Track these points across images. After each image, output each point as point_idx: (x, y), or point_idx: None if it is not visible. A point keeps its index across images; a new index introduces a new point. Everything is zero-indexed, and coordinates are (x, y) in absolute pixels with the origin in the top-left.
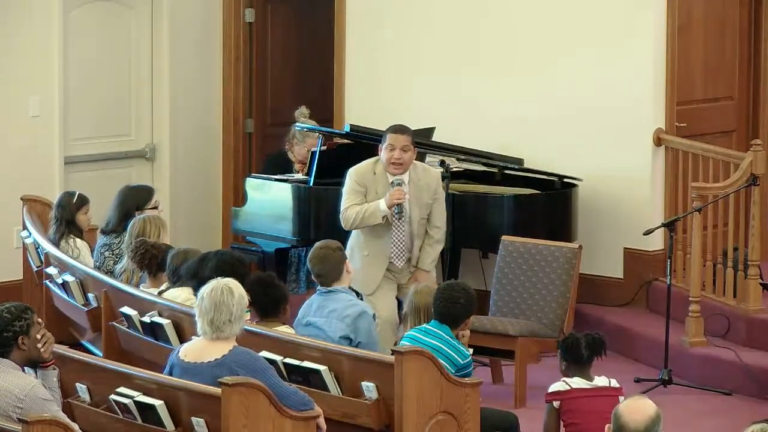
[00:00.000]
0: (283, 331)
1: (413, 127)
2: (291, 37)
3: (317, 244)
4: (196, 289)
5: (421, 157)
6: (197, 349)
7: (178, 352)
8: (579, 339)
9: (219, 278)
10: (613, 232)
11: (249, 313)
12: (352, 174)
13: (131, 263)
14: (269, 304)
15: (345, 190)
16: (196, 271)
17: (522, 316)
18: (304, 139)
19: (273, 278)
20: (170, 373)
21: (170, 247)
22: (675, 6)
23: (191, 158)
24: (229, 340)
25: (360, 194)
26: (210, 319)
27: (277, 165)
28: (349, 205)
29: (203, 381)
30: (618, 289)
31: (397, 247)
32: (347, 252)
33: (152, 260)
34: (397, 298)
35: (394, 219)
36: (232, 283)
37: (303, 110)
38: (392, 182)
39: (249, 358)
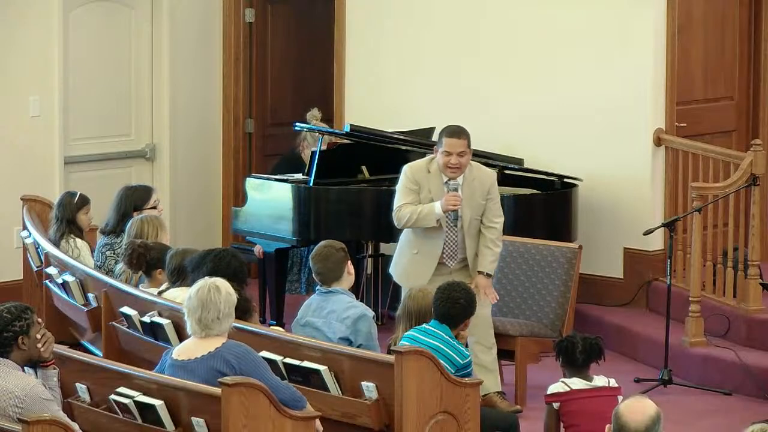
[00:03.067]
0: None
1: (413, 127)
2: (291, 37)
3: (322, 242)
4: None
5: (421, 158)
6: (189, 348)
7: (171, 353)
8: (575, 343)
9: (207, 277)
10: (613, 232)
11: None
12: (407, 171)
13: (124, 265)
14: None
15: (398, 187)
16: (194, 268)
17: (522, 316)
18: (316, 141)
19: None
20: (161, 372)
21: (166, 246)
22: (675, 6)
23: (191, 158)
24: (222, 337)
25: (413, 193)
26: (198, 318)
27: (290, 165)
28: (403, 204)
29: (198, 376)
30: (618, 289)
31: (449, 248)
32: (396, 248)
33: (140, 259)
34: None
35: (449, 223)
36: (219, 281)
37: (315, 112)
38: (447, 182)
39: (241, 349)
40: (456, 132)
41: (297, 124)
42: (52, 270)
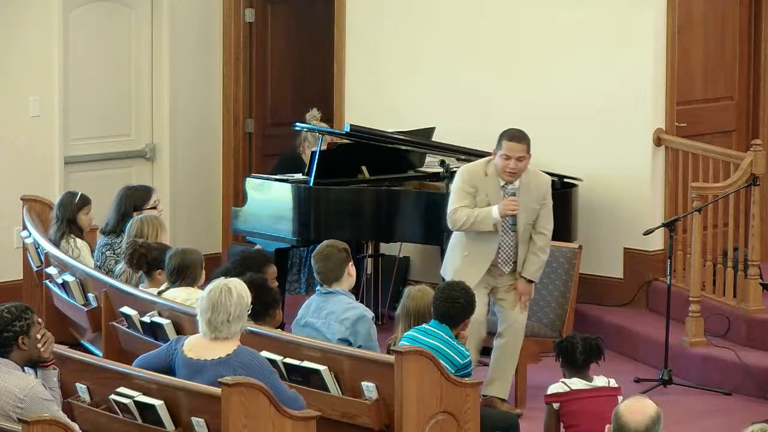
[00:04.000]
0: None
1: (413, 127)
2: (291, 37)
3: (324, 242)
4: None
5: (421, 157)
6: (200, 347)
7: (183, 345)
8: (575, 343)
9: (223, 278)
10: (613, 232)
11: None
12: (463, 173)
13: (124, 264)
14: (258, 307)
15: (453, 189)
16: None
17: None
18: (316, 142)
19: (264, 281)
20: (170, 363)
21: (167, 246)
22: (675, 6)
23: (191, 158)
24: (233, 339)
25: (470, 196)
26: (207, 319)
27: (290, 165)
28: (459, 207)
29: (206, 378)
30: (618, 289)
31: (504, 253)
32: (447, 250)
33: (141, 259)
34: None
35: (505, 227)
36: (233, 282)
37: (314, 113)
38: (504, 186)
39: (252, 358)
40: (516, 136)
41: (297, 124)
42: (52, 270)
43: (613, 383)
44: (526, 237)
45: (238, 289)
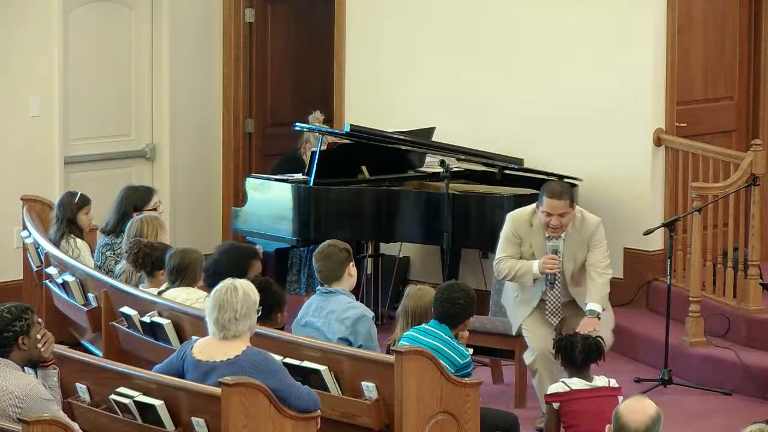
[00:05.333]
0: None
1: (413, 127)
2: (291, 37)
3: (326, 241)
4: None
5: (421, 157)
6: (210, 348)
7: (191, 348)
8: (574, 342)
9: (229, 278)
10: (613, 232)
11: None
12: (510, 222)
13: (127, 264)
14: (262, 309)
15: (502, 235)
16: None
17: None
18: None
19: (269, 283)
20: (180, 367)
21: (167, 246)
22: (675, 6)
23: (191, 158)
24: (242, 339)
25: (515, 245)
26: (215, 318)
27: (290, 165)
28: (503, 257)
29: (216, 380)
30: (618, 289)
31: (551, 305)
32: (504, 289)
33: (146, 258)
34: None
35: (547, 283)
36: (238, 281)
37: (317, 115)
38: (548, 238)
39: (262, 358)
40: (557, 193)
41: (297, 124)
42: (52, 270)
43: (613, 383)
44: (579, 279)
45: (244, 287)
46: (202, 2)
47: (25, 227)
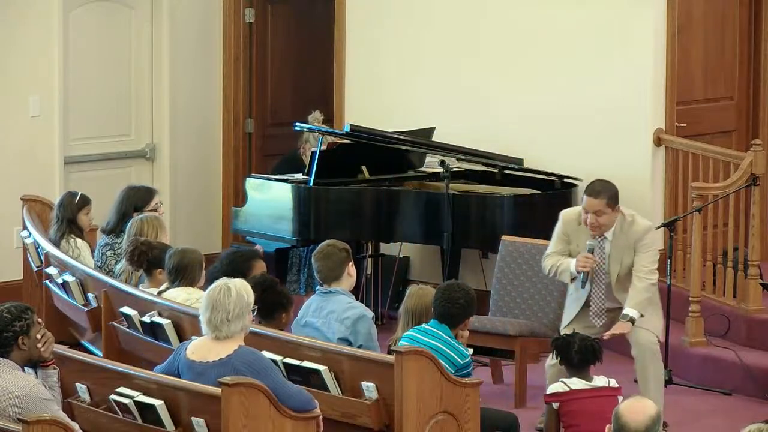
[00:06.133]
0: None
1: (413, 127)
2: (291, 37)
3: (326, 241)
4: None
5: (421, 157)
6: (203, 348)
7: (185, 348)
8: (571, 342)
9: (224, 278)
10: None
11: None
12: (560, 219)
13: (126, 263)
14: (262, 307)
15: (554, 232)
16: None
17: (522, 316)
18: (317, 144)
19: (274, 282)
20: (176, 369)
21: (167, 246)
22: (675, 6)
23: (191, 158)
24: (235, 339)
25: (564, 242)
26: (207, 318)
27: (290, 165)
28: (550, 253)
29: (208, 380)
30: None
31: (595, 305)
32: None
33: (141, 256)
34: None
35: (582, 281)
36: (233, 282)
37: (316, 115)
38: (593, 236)
39: (254, 357)
40: (594, 191)
41: (297, 123)
42: (52, 270)
43: (613, 383)
44: (625, 284)
45: (238, 287)
46: (202, 2)
47: (25, 227)
